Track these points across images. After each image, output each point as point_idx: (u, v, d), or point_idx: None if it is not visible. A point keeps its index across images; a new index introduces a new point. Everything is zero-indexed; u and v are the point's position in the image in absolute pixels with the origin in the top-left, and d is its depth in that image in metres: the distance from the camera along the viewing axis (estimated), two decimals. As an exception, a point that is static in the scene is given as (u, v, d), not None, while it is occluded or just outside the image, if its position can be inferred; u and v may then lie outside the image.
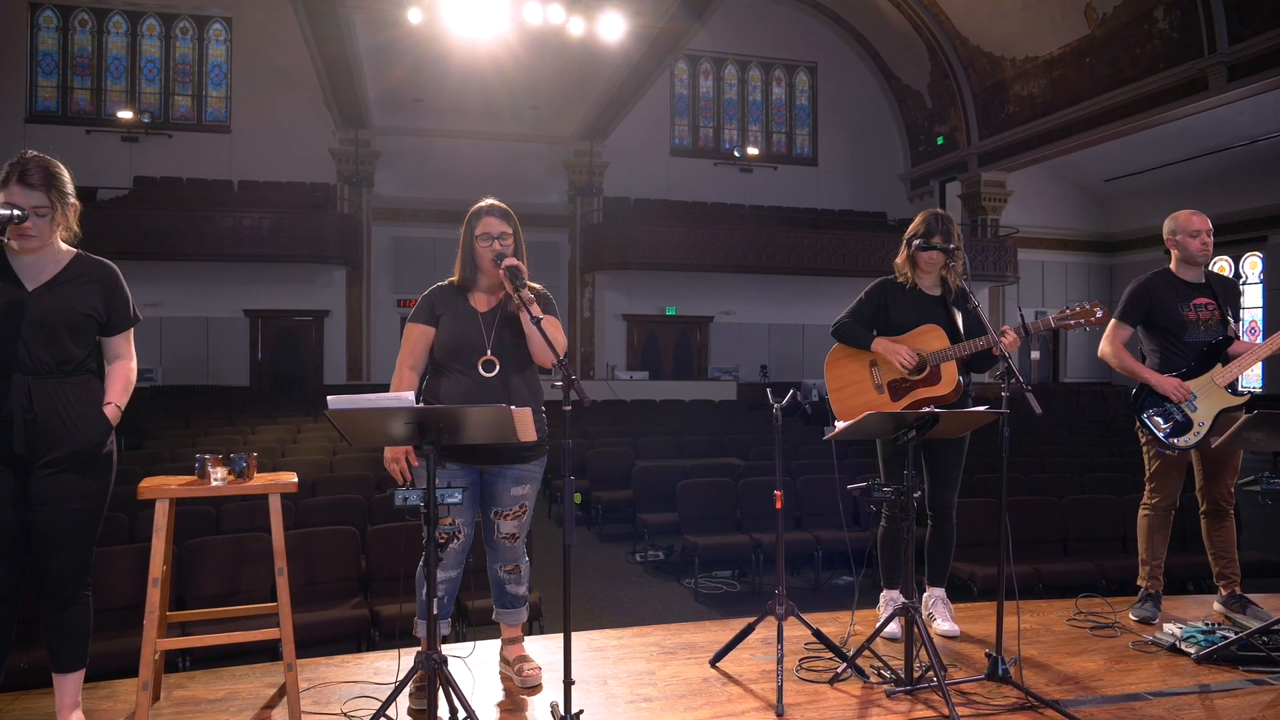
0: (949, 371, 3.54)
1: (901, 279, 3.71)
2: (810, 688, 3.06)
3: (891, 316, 3.67)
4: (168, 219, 14.17)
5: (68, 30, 16.24)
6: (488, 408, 2.50)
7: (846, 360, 3.72)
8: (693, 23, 12.28)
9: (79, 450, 2.49)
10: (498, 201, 3.06)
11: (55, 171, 2.49)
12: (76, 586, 2.54)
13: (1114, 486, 6.88)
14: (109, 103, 16.34)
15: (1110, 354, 3.95)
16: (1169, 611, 3.93)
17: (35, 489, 2.45)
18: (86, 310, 2.54)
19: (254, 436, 9.31)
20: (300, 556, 4.79)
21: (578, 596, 6.27)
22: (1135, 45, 13.82)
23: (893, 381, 3.61)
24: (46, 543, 2.46)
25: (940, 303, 3.67)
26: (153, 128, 16.24)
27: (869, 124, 19.72)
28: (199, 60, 16.82)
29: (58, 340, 2.48)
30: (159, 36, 16.69)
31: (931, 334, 3.58)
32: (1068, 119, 15.43)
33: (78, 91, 16.28)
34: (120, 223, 13.91)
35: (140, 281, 15.60)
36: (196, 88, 16.80)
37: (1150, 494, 3.91)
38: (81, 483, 2.50)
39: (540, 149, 17.33)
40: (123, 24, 16.53)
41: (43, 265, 2.52)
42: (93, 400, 2.55)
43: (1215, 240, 4.04)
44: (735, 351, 18.36)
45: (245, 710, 2.86)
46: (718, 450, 9.54)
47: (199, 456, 2.78)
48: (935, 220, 3.64)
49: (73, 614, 2.54)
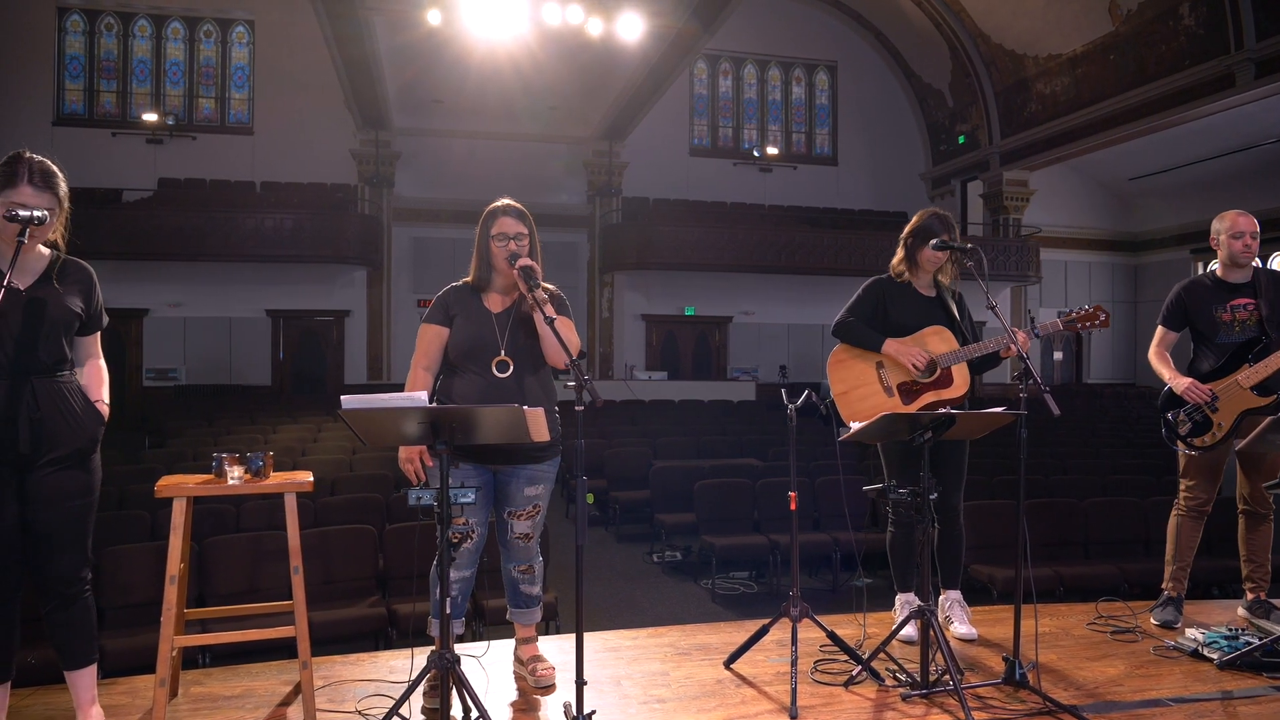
0: (960, 374, 3.50)
1: (898, 278, 3.68)
2: (825, 690, 3.04)
3: (891, 316, 3.62)
4: (191, 220, 14.32)
5: (94, 34, 16.46)
6: (500, 408, 2.50)
7: (852, 361, 3.66)
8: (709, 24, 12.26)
9: (82, 447, 2.53)
10: (513, 201, 3.06)
11: (55, 172, 2.51)
12: (79, 583, 2.56)
13: (1137, 488, 6.80)
14: (134, 105, 16.53)
15: (1151, 357, 3.92)
16: (1192, 616, 3.87)
17: (35, 488, 2.46)
18: (76, 310, 2.57)
19: (275, 435, 9.39)
20: (318, 555, 4.82)
21: (595, 596, 6.27)
22: (1160, 42, 13.64)
23: (902, 384, 3.56)
24: (49, 542, 2.48)
25: (939, 303, 3.64)
26: (177, 130, 16.42)
27: (889, 123, 19.59)
28: (222, 63, 16.99)
29: (55, 340, 2.51)
30: (183, 40, 16.87)
31: (939, 335, 3.54)
32: (1091, 117, 15.25)
33: (103, 94, 16.49)
34: (145, 224, 14.08)
35: (164, 282, 15.81)
36: (220, 90, 16.96)
37: (1183, 494, 3.85)
38: (80, 479, 2.53)
39: (559, 149, 17.35)
40: (148, 27, 16.72)
41: (32, 266, 2.54)
42: (85, 397, 2.60)
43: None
44: (754, 352, 18.30)
45: (261, 707, 2.88)
46: (736, 451, 9.51)
47: (216, 455, 2.80)
48: (937, 220, 3.61)
49: (77, 610, 2.56)
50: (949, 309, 3.63)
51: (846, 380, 3.65)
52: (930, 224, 3.60)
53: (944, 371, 3.50)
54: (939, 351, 3.51)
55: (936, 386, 3.51)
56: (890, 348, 3.54)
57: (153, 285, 14.81)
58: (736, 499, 6.83)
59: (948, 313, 3.62)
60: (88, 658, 2.60)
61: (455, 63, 13.47)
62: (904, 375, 3.55)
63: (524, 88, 14.59)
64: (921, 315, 3.60)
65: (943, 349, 3.51)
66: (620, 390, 15.38)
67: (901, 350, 3.52)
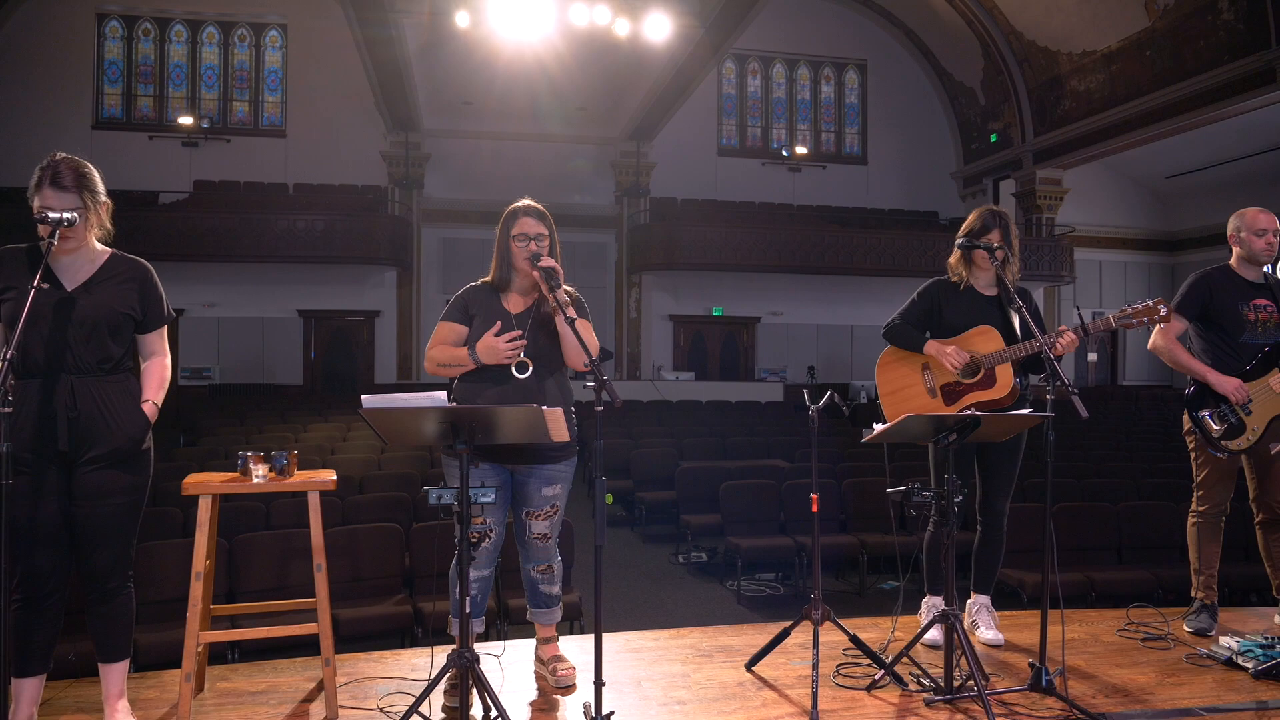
0: (1004, 374, 3.43)
1: (956, 279, 3.62)
2: (847, 694, 3.01)
3: (945, 317, 3.57)
4: (226, 222, 14.55)
5: (132, 39, 16.77)
6: (520, 407, 2.51)
7: (898, 363, 3.63)
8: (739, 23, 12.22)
9: (120, 447, 2.54)
10: (534, 202, 3.07)
11: (85, 172, 2.52)
12: (119, 579, 2.61)
13: (1173, 492, 6.66)
14: (170, 109, 16.83)
15: (1163, 347, 3.81)
16: (1226, 623, 3.79)
17: (78, 485, 2.51)
18: (124, 309, 2.58)
19: (305, 434, 9.50)
20: (346, 553, 4.87)
21: (620, 597, 6.27)
22: (1198, 37, 13.37)
23: (946, 385, 3.51)
24: (89, 537, 2.53)
25: (996, 303, 3.55)
26: (212, 133, 16.69)
27: (920, 122, 19.40)
28: (256, 67, 17.24)
29: (98, 339, 2.53)
30: (218, 44, 17.15)
31: (986, 335, 3.47)
32: (1127, 114, 14.99)
33: (141, 99, 16.80)
34: (181, 225, 14.33)
35: (199, 283, 16.04)
36: (253, 93, 17.21)
37: (1199, 501, 3.78)
38: (122, 478, 2.55)
39: (587, 150, 17.39)
40: (184, 32, 17.01)
41: (80, 265, 2.57)
42: (132, 398, 2.61)
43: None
44: (783, 352, 18.21)
45: (285, 703, 2.91)
46: (763, 452, 9.47)
47: (241, 454, 2.84)
48: (991, 216, 3.54)
49: (116, 606, 2.61)
50: (1006, 312, 3.53)
51: (893, 381, 3.63)
52: (984, 222, 3.53)
53: (987, 372, 3.44)
54: (983, 352, 3.45)
55: (980, 388, 3.46)
56: (931, 348, 3.49)
57: (188, 286, 15.04)
58: (762, 500, 6.80)
59: (1003, 313, 3.53)
60: (121, 652, 2.65)
61: (483, 65, 13.55)
62: (948, 377, 3.50)
63: (551, 89, 14.64)
64: (974, 315, 3.51)
65: (989, 349, 3.45)
66: (647, 391, 15.38)
67: (941, 350, 3.47)
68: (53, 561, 2.49)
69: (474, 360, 2.88)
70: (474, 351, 2.88)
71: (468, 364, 2.90)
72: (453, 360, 2.93)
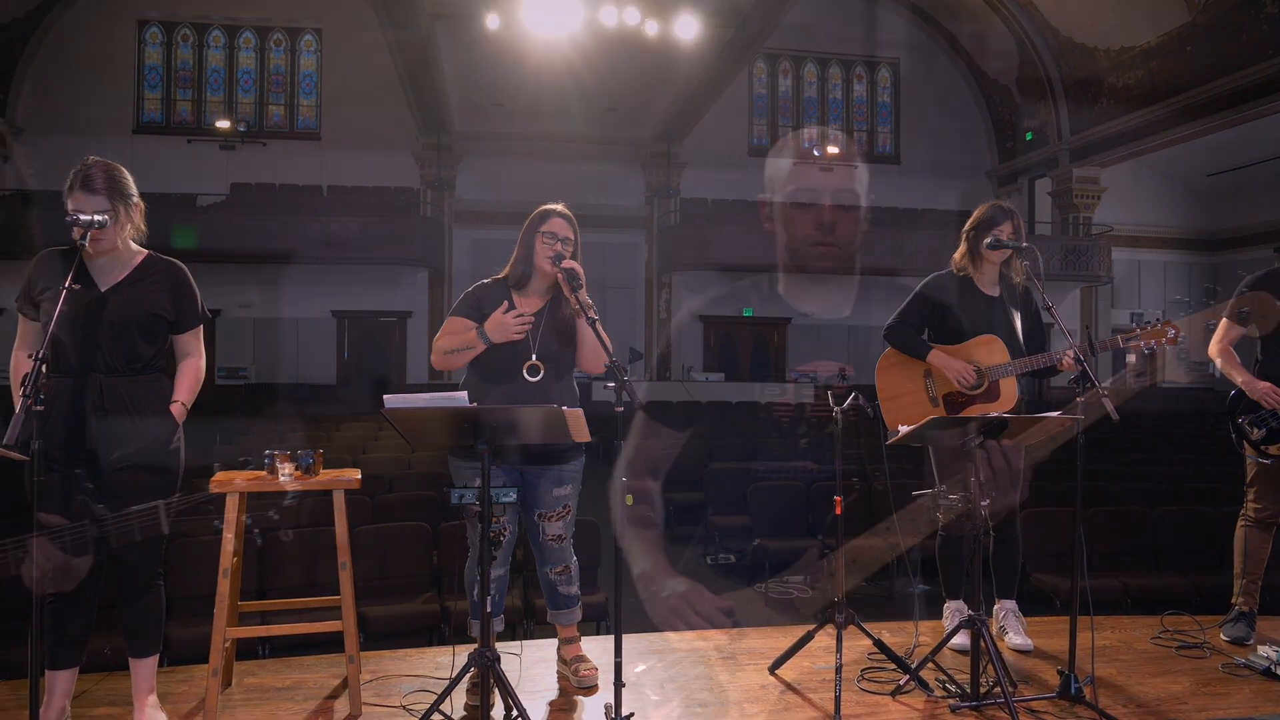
0: (1008, 388, 3.38)
1: (959, 273, 3.55)
2: (871, 699, 2.98)
3: (947, 319, 3.50)
4: (262, 224, 14.77)
5: (171, 45, 17.10)
6: (541, 408, 2.52)
7: (899, 368, 3.56)
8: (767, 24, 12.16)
9: (147, 447, 2.58)
10: (566, 208, 3.08)
11: (116, 175, 2.56)
12: (149, 577, 2.65)
13: (1213, 497, 6.51)
14: (208, 113, 17.13)
15: (1215, 354, 3.74)
16: (1265, 633, 3.69)
17: (108, 483, 2.55)
18: (156, 310, 2.62)
19: (337, 433, 9.61)
20: (375, 551, 4.91)
21: (645, 598, 6.26)
22: (1241, 32, 13.06)
23: (948, 395, 3.46)
24: (118, 536, 2.57)
25: (999, 304, 3.50)
26: (248, 136, 16.96)
27: (953, 120, 19.17)
28: (291, 71, 17.49)
29: (129, 339, 2.57)
30: (254, 49, 17.42)
31: (990, 345, 3.41)
32: (1166, 111, 14.69)
33: (180, 103, 17.12)
34: (219, 228, 14.56)
35: (235, 284, 16.27)
36: (289, 97, 17.46)
37: (1250, 504, 3.68)
38: (150, 478, 2.59)
39: (618, 151, 17.41)
40: (221, 38, 17.31)
41: (114, 266, 2.62)
42: (161, 398, 2.64)
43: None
44: (813, 353, 18.09)
45: (310, 699, 2.94)
46: (792, 454, 9.40)
47: (268, 452, 2.87)
48: (1001, 211, 3.47)
49: (146, 603, 2.65)
50: (1009, 313, 3.49)
51: (894, 386, 3.56)
52: (993, 215, 3.46)
53: (991, 384, 3.39)
54: (988, 363, 3.40)
55: (984, 400, 3.41)
56: (936, 359, 3.44)
57: (225, 287, 15.28)
58: (791, 502, 6.75)
59: (1006, 315, 3.48)
60: (150, 648, 2.69)
61: (514, 66, 13.63)
62: (951, 386, 3.45)
63: (581, 90, 14.67)
64: (979, 318, 3.46)
65: (992, 360, 3.39)
66: (677, 391, 15.35)
67: (948, 364, 3.41)
68: (85, 558, 2.53)
69: (483, 340, 2.85)
70: (483, 331, 2.85)
71: (477, 345, 2.87)
72: (461, 345, 2.89)
